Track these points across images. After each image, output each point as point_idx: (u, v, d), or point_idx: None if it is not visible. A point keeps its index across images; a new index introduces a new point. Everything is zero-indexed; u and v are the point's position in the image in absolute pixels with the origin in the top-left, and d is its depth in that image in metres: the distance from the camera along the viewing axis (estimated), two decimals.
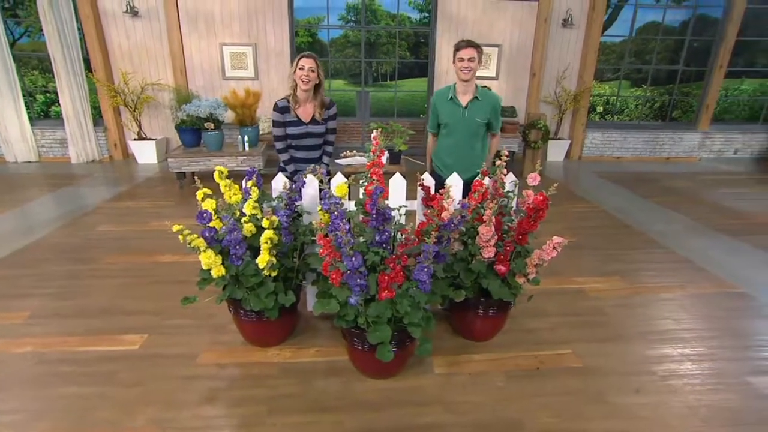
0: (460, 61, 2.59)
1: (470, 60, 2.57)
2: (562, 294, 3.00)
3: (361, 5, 7.13)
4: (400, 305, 1.79)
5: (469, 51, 2.57)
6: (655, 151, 7.51)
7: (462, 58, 2.58)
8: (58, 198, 5.00)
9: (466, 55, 2.57)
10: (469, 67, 2.57)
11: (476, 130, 2.76)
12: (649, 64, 7.91)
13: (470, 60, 2.57)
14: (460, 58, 2.59)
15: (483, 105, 2.71)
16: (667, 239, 3.99)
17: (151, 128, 6.71)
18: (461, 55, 2.59)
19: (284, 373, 2.19)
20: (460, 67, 2.60)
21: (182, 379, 2.13)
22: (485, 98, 2.72)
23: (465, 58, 2.57)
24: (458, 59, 2.60)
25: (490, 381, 2.16)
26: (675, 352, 2.39)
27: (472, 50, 2.58)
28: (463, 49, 2.59)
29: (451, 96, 2.72)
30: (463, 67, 2.59)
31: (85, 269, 3.26)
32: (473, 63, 2.58)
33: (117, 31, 6.24)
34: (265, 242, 1.99)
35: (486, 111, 2.72)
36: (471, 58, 2.57)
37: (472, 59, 2.57)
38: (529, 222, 2.04)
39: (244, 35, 6.42)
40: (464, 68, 2.58)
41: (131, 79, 6.25)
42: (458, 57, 2.61)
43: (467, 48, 2.58)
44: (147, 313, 2.67)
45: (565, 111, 6.91)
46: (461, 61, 2.59)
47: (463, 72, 2.60)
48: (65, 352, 2.33)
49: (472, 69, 2.59)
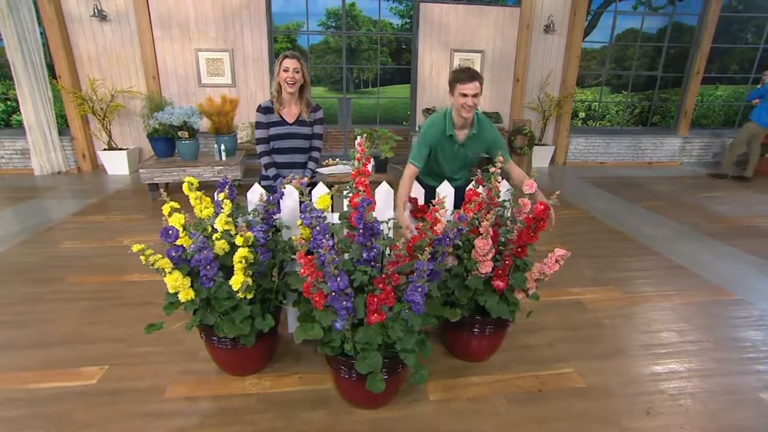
0: (462, 96, 2.20)
1: (475, 96, 2.20)
2: (558, 306, 2.86)
3: (342, 11, 6.99)
4: (392, 330, 1.61)
5: (473, 85, 2.19)
6: (638, 156, 7.56)
7: (465, 94, 2.19)
8: (18, 213, 4.63)
9: (470, 90, 2.18)
10: (473, 104, 2.22)
11: (465, 162, 2.53)
12: (629, 70, 8.00)
13: (475, 96, 2.20)
14: (463, 93, 2.19)
15: (479, 142, 2.42)
16: (659, 244, 3.92)
17: (123, 138, 6.38)
18: (464, 90, 2.19)
19: (264, 405, 1.97)
20: (462, 103, 2.21)
21: (145, 417, 1.88)
22: (482, 132, 2.40)
23: (469, 94, 2.19)
24: (460, 94, 2.21)
25: (491, 406, 1.98)
26: (682, 368, 2.26)
27: (476, 84, 2.19)
28: (466, 83, 2.18)
29: (450, 133, 2.37)
30: (465, 104, 2.21)
31: (45, 291, 2.96)
32: (477, 99, 2.22)
33: (84, 35, 5.93)
34: (239, 261, 1.78)
35: (481, 148, 2.45)
36: (476, 93, 2.20)
37: (476, 94, 2.20)
38: (529, 233, 1.89)
39: (220, 41, 6.19)
40: (467, 105, 2.21)
41: (100, 86, 5.93)
42: (460, 91, 2.20)
43: (471, 82, 2.18)
44: (110, 341, 2.41)
45: (549, 117, 6.89)
46: (464, 97, 2.20)
47: (464, 109, 2.23)
48: (15, 390, 2.04)
49: (476, 105, 2.25)
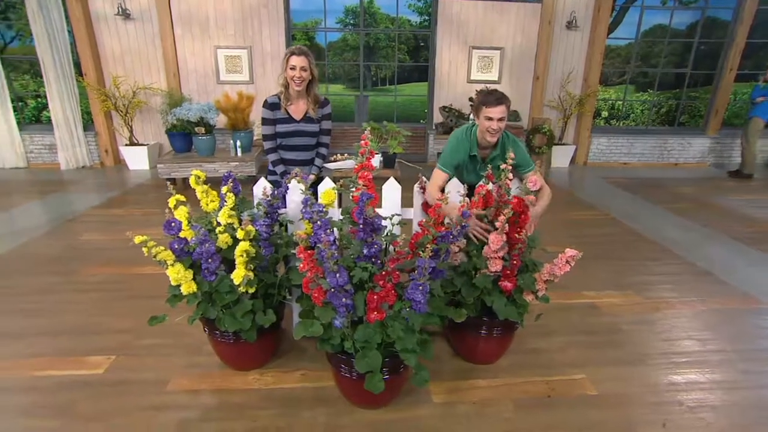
0: (487, 120, 2.15)
1: (500, 120, 2.14)
2: (571, 310, 2.75)
3: (360, 8, 6.97)
4: (392, 329, 1.56)
5: (500, 110, 2.13)
6: (663, 156, 7.28)
7: (491, 117, 2.14)
8: (44, 205, 4.79)
9: (496, 114, 2.13)
10: (499, 128, 2.16)
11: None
12: (655, 67, 7.71)
13: (500, 120, 2.14)
14: (488, 116, 2.14)
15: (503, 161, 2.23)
16: (683, 249, 3.74)
17: (144, 133, 6.52)
18: (490, 114, 2.13)
19: (266, 401, 1.95)
20: (487, 127, 2.16)
21: (149, 409, 1.89)
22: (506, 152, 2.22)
23: (495, 118, 2.13)
24: (486, 117, 2.15)
25: (496, 411, 1.91)
26: (703, 378, 2.14)
27: (503, 108, 2.14)
28: (492, 107, 2.12)
29: (474, 153, 2.31)
30: (490, 128, 2.16)
31: (62, 282, 3.03)
32: (503, 123, 2.16)
33: (109, 34, 6.08)
34: (240, 255, 1.76)
35: None
36: (501, 117, 2.14)
37: (502, 119, 2.15)
38: (515, 229, 1.81)
39: (239, 38, 6.25)
40: (492, 129, 2.16)
41: (123, 83, 6.07)
42: (485, 114, 2.15)
43: (498, 106, 2.12)
44: (119, 332, 2.44)
45: (569, 115, 6.70)
46: (489, 120, 2.15)
47: (489, 133, 2.18)
48: (25, 378, 2.09)
49: (502, 129, 2.20)
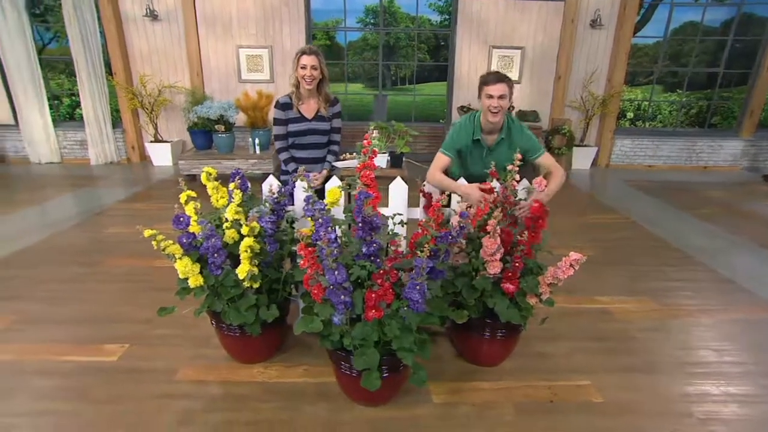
0: (488, 98, 2.19)
1: (501, 98, 2.16)
2: (582, 314, 2.69)
3: (380, 7, 6.98)
4: (388, 327, 1.57)
5: (499, 87, 2.16)
6: (692, 159, 7.00)
7: (491, 95, 2.17)
8: (74, 199, 5.02)
9: (496, 92, 2.16)
10: (499, 106, 2.18)
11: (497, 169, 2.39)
12: (685, 66, 7.42)
13: (501, 98, 2.16)
14: (489, 94, 2.18)
15: (509, 145, 2.32)
16: (707, 256, 3.60)
17: (168, 131, 6.73)
18: (490, 92, 2.17)
19: (269, 394, 2.00)
20: (489, 105, 2.19)
21: (157, 397, 1.96)
22: (511, 136, 2.32)
23: (495, 96, 2.16)
24: (486, 95, 2.19)
25: (497, 414, 1.90)
26: (717, 390, 2.05)
27: (503, 86, 2.17)
28: (492, 85, 2.17)
29: (477, 138, 2.33)
30: (492, 106, 2.18)
31: (86, 273, 3.17)
32: (504, 101, 2.18)
33: (137, 34, 6.30)
34: (244, 251, 1.81)
35: (510, 155, 2.24)
36: (502, 95, 2.16)
37: (502, 96, 2.17)
38: (530, 234, 1.79)
39: (260, 37, 6.36)
40: (493, 107, 2.18)
41: (149, 82, 6.29)
42: (486, 93, 2.19)
43: (497, 83, 2.16)
44: (135, 321, 2.53)
45: (592, 116, 6.53)
46: (490, 99, 2.18)
47: (491, 112, 2.20)
48: (44, 361, 2.20)
49: (502, 108, 2.20)
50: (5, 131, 6.66)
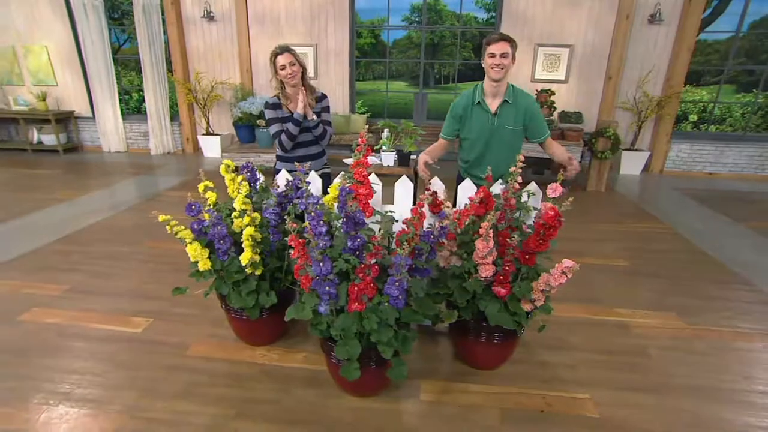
0: (490, 57, 2.26)
1: (503, 56, 2.23)
2: (596, 326, 2.57)
3: (423, 5, 6.96)
4: (367, 321, 1.62)
5: (501, 45, 2.24)
6: (764, 168, 6.32)
7: (493, 54, 2.25)
8: (133, 185, 5.53)
9: (497, 50, 2.24)
10: (501, 63, 2.24)
11: (512, 140, 2.41)
12: (763, 64, 6.69)
13: (503, 56, 2.23)
14: (491, 53, 2.26)
15: (516, 109, 2.38)
16: (757, 273, 3.27)
17: (219, 124, 7.18)
18: (492, 50, 2.25)
19: (265, 376, 2.12)
20: (491, 64, 2.26)
21: (168, 368, 2.15)
22: (517, 100, 2.38)
23: (497, 54, 2.24)
24: (488, 54, 2.27)
25: (481, 418, 1.88)
26: (738, 419, 1.89)
27: (505, 44, 2.24)
28: (494, 43, 2.25)
29: (478, 100, 2.41)
30: (494, 64, 2.25)
31: (126, 251, 3.51)
32: (506, 59, 2.24)
33: (195, 34, 6.77)
34: (246, 239, 1.94)
35: (520, 115, 2.38)
36: (504, 53, 2.23)
37: (504, 55, 2.24)
38: (537, 241, 1.74)
39: (306, 35, 6.59)
40: (495, 65, 2.25)
41: (203, 78, 6.74)
42: (489, 52, 2.27)
43: (499, 42, 2.24)
44: (161, 299, 2.78)
45: (645, 119, 6.10)
46: (492, 57, 2.25)
47: (493, 70, 2.26)
48: (83, 327, 2.49)
49: (505, 66, 2.25)
50: (84, 123, 7.48)
